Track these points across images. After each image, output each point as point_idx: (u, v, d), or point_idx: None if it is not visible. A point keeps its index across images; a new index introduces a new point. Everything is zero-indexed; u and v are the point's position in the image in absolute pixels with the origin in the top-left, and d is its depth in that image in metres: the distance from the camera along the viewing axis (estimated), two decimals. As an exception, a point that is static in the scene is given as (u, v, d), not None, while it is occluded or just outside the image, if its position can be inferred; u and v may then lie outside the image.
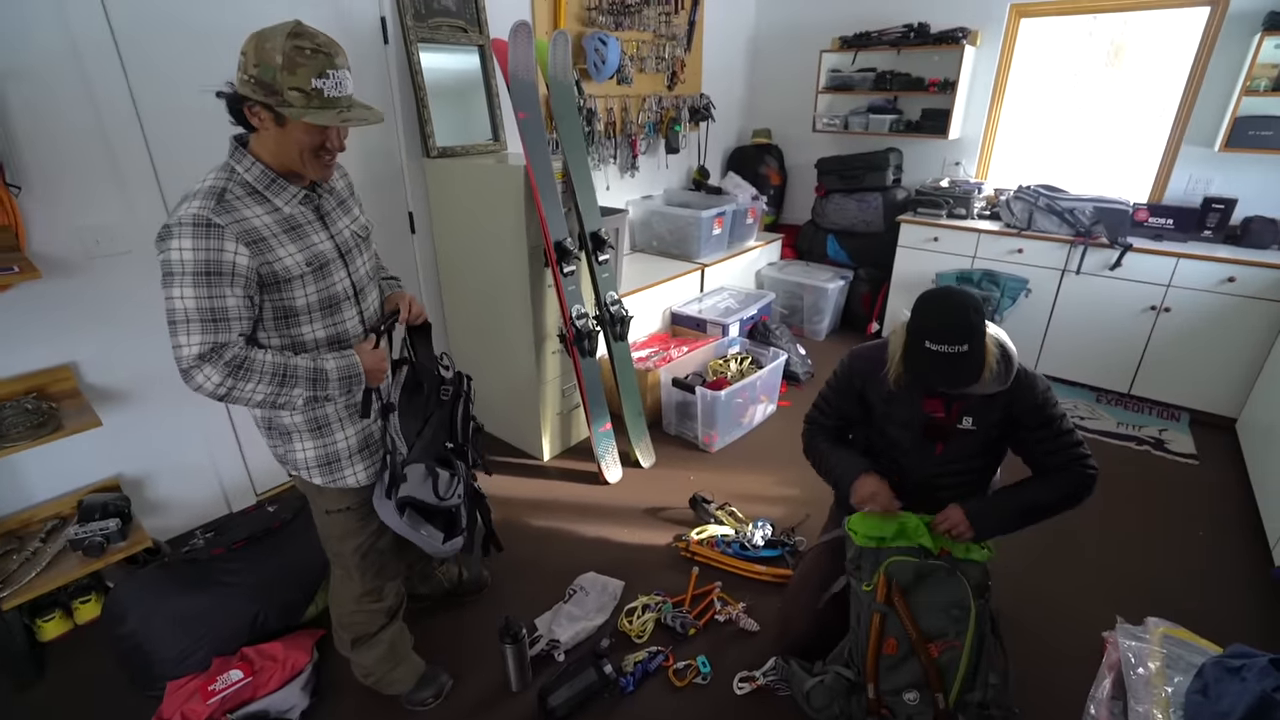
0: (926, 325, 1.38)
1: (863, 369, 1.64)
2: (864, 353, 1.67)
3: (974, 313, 1.37)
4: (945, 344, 1.35)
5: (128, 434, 2.15)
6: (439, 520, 1.42)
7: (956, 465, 1.60)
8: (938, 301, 1.40)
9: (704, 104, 4.05)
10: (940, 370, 1.37)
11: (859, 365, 1.65)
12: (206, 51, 2.08)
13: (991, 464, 1.65)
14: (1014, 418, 1.54)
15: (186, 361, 1.11)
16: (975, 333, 1.36)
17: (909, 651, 1.47)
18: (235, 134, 1.22)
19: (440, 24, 2.63)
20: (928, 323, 1.38)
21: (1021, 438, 1.57)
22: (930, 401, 1.56)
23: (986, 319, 1.41)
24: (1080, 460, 1.54)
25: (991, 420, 1.54)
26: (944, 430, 1.57)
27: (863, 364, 1.64)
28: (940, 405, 1.55)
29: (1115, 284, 3.17)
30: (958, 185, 3.76)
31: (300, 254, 1.21)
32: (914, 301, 1.44)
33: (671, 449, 2.95)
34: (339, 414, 1.36)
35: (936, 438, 1.58)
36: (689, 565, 2.21)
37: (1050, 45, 3.64)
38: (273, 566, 1.86)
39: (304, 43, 1.10)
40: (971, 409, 1.54)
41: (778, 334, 3.55)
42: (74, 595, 1.99)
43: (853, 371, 1.66)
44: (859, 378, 1.64)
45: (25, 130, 1.79)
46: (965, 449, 1.58)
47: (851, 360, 1.68)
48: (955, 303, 1.38)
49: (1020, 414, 1.54)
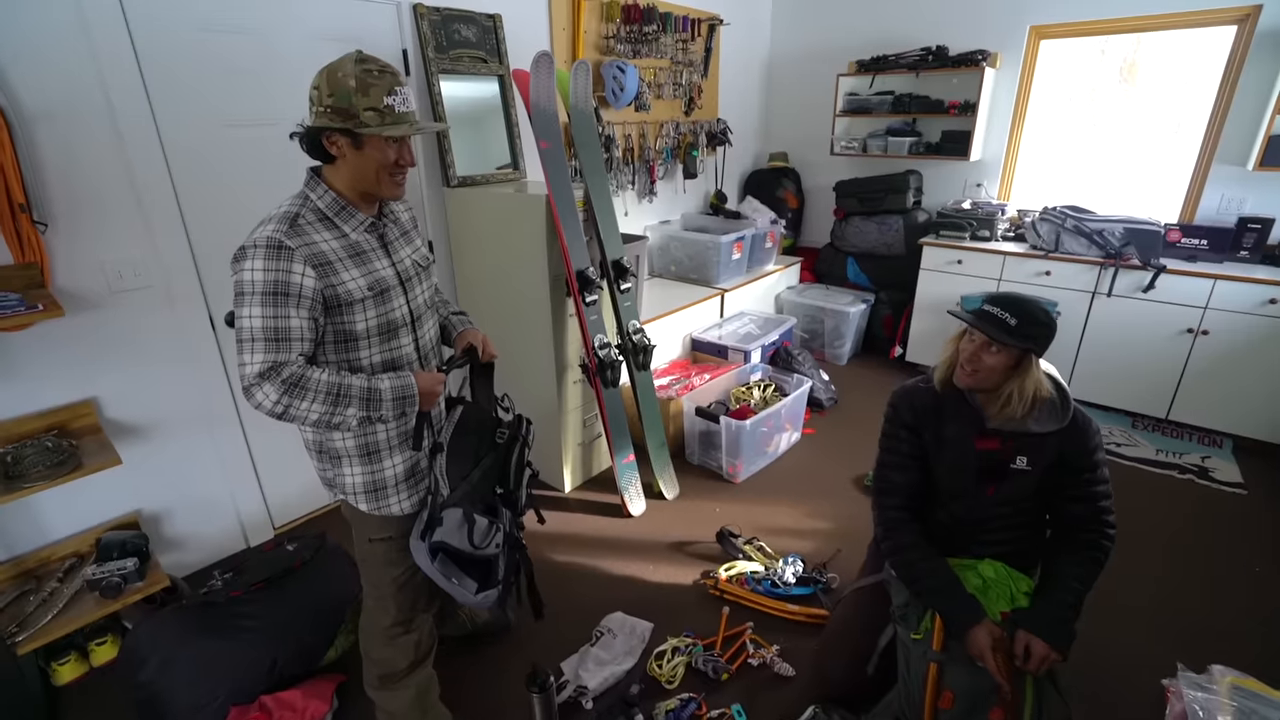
0: (988, 296, 1.47)
1: (911, 405, 1.57)
2: (907, 391, 1.60)
3: (1039, 307, 1.41)
4: (998, 306, 1.41)
5: (147, 469, 2.13)
6: (475, 570, 1.36)
7: (1008, 508, 1.52)
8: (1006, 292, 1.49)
9: (721, 129, 4.04)
10: (982, 319, 1.41)
11: (905, 405, 1.58)
12: (232, 88, 2.10)
13: (1042, 507, 1.57)
14: (1063, 459, 1.47)
15: (248, 379, 1.14)
16: (1032, 319, 1.39)
17: (970, 707, 1.38)
18: (311, 165, 1.28)
19: (461, 55, 2.64)
20: (990, 295, 1.48)
21: (1061, 481, 1.49)
22: (984, 441, 1.49)
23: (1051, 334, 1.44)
24: (1106, 522, 1.47)
25: (1046, 461, 1.47)
26: (998, 470, 1.49)
27: (909, 401, 1.57)
28: (995, 443, 1.48)
29: (1149, 306, 3.08)
30: (980, 207, 3.71)
31: (363, 279, 1.25)
32: None
33: (695, 479, 2.88)
34: (390, 440, 1.36)
35: (989, 479, 1.50)
36: (718, 604, 2.13)
37: (1067, 65, 3.60)
38: (292, 608, 1.80)
39: (371, 66, 1.19)
40: (1026, 448, 1.47)
41: (800, 359, 3.49)
42: (90, 636, 1.94)
43: (900, 413, 1.58)
44: (909, 414, 1.57)
45: (54, 168, 1.80)
46: (1019, 490, 1.50)
47: (898, 401, 1.60)
48: (1030, 297, 1.46)
49: (1070, 455, 1.46)
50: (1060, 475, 1.48)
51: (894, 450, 1.60)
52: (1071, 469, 1.47)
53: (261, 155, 2.20)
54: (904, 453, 1.58)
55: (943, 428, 1.53)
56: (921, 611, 1.52)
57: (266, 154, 2.20)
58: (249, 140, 2.17)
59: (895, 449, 1.60)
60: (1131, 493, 2.71)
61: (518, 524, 1.53)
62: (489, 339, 1.53)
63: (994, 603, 1.46)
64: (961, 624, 1.40)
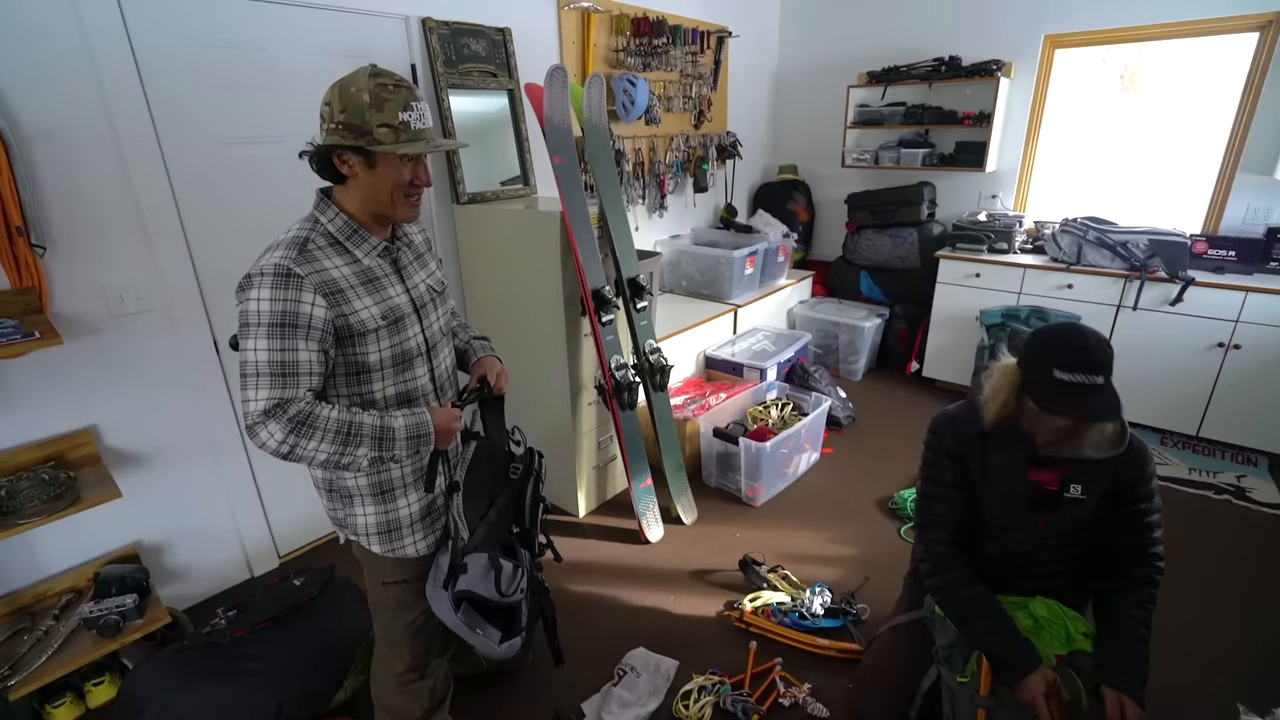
0: (1054, 353, 1.23)
1: (955, 432, 1.47)
2: (950, 417, 1.50)
3: (1108, 346, 1.24)
4: (1079, 373, 1.20)
5: (148, 498, 2.05)
6: (498, 617, 1.27)
7: (1060, 539, 1.43)
8: (1065, 331, 1.27)
9: (731, 142, 3.99)
10: (1075, 400, 1.21)
11: (948, 432, 1.48)
12: (235, 105, 2.04)
13: (1095, 538, 1.47)
14: (1119, 486, 1.38)
15: (252, 417, 1.06)
16: (1109, 368, 1.22)
17: None
18: (321, 187, 1.21)
19: (470, 70, 2.59)
20: (1056, 351, 1.23)
21: (1115, 511, 1.40)
22: (1037, 470, 1.39)
23: None
24: (1156, 554, 1.40)
25: (1101, 488, 1.37)
26: (1051, 500, 1.40)
27: (952, 428, 1.47)
28: (1049, 473, 1.38)
29: (1176, 320, 3.00)
30: (996, 219, 3.64)
31: (376, 307, 1.18)
32: (1027, 338, 1.31)
33: (713, 503, 2.79)
34: (405, 479, 1.28)
35: (1042, 509, 1.41)
36: (744, 637, 2.03)
37: (1082, 73, 3.55)
38: (298, 649, 1.71)
39: (386, 80, 1.11)
40: (1081, 475, 1.37)
41: (817, 376, 3.41)
42: (86, 676, 1.84)
43: (943, 440, 1.48)
44: (953, 442, 1.46)
45: (53, 189, 1.73)
46: (1072, 520, 1.40)
47: (940, 429, 1.50)
48: (1087, 332, 1.25)
49: (1126, 482, 1.37)
50: (1115, 504, 1.39)
51: (937, 480, 1.50)
52: (1127, 497, 1.38)
53: (267, 174, 2.13)
54: (948, 483, 1.48)
55: (989, 456, 1.43)
56: (968, 653, 1.43)
57: (272, 172, 2.14)
58: (254, 158, 2.10)
59: (939, 479, 1.50)
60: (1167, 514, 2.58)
61: (536, 564, 1.44)
62: (505, 370, 1.45)
63: (1048, 645, 1.37)
64: (1015, 670, 1.31)
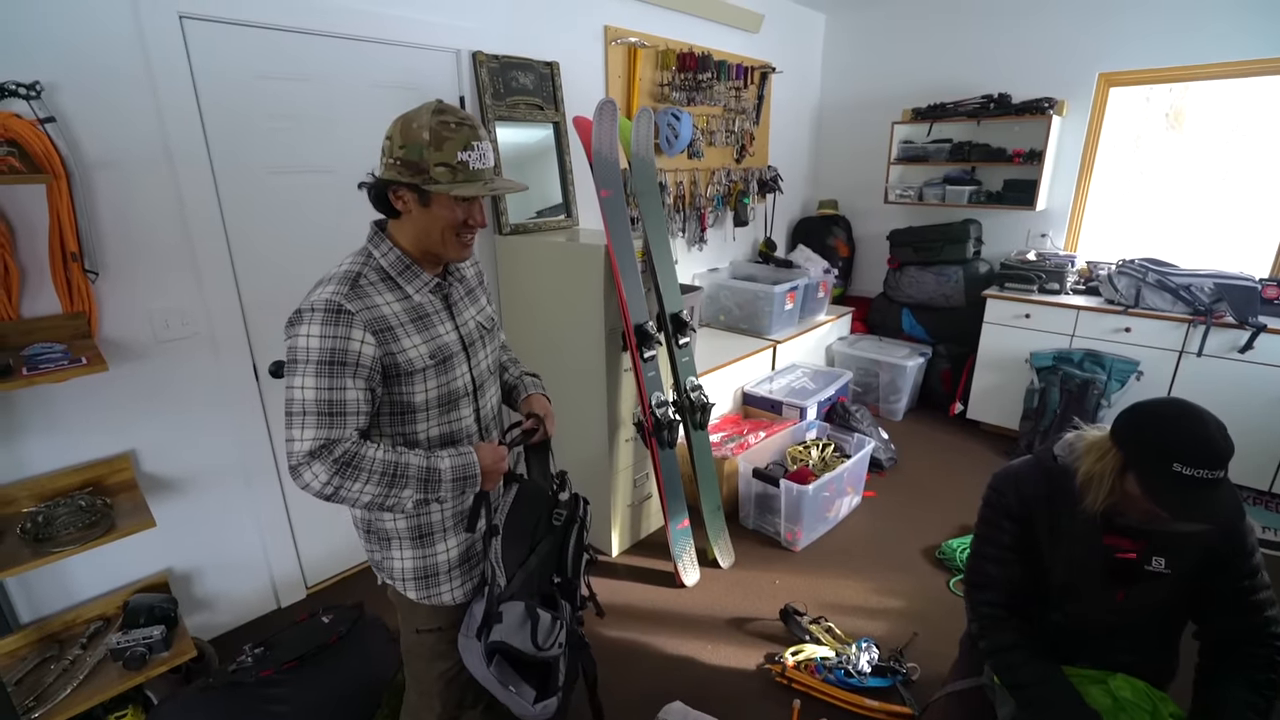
0: (1175, 444, 1.11)
1: (1019, 492, 1.34)
2: (1013, 474, 1.37)
3: (1226, 431, 1.11)
4: (1204, 468, 1.08)
5: (181, 525, 2.03)
6: (533, 675, 1.19)
7: (1140, 616, 1.30)
8: (1183, 418, 1.14)
9: (772, 176, 3.96)
10: (1197, 501, 1.09)
11: (1010, 490, 1.35)
12: (289, 136, 2.06)
13: (1180, 614, 1.33)
14: (1219, 560, 1.24)
15: (297, 458, 1.03)
16: (1230, 455, 1.10)
17: None
18: (375, 220, 1.19)
19: (518, 102, 2.60)
20: (1176, 439, 1.11)
21: (1213, 588, 1.25)
22: (1113, 536, 1.26)
23: None
24: (1274, 634, 1.22)
25: (1189, 562, 1.24)
26: (1130, 573, 1.26)
27: (1015, 486, 1.34)
28: (1128, 543, 1.25)
29: (1246, 368, 2.84)
30: (1047, 258, 3.52)
31: (424, 345, 1.15)
32: (1132, 417, 1.18)
33: (751, 545, 2.68)
34: (445, 523, 1.24)
35: (1119, 581, 1.28)
36: (787, 694, 1.92)
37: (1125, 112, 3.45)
38: (324, 690, 1.65)
39: (449, 118, 1.08)
40: (1164, 547, 1.24)
41: (858, 416, 3.30)
42: (110, 708, 1.80)
43: (1005, 499, 1.35)
44: (1016, 503, 1.33)
45: (108, 217, 1.75)
46: (1153, 595, 1.27)
47: (1002, 486, 1.37)
48: (1207, 419, 1.12)
49: (1222, 555, 1.22)
50: (1211, 580, 1.25)
51: (993, 541, 1.37)
52: (1226, 573, 1.23)
53: (316, 204, 2.14)
54: (1005, 545, 1.35)
55: (1059, 518, 1.29)
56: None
57: (321, 203, 2.15)
58: (304, 188, 2.12)
59: (995, 540, 1.37)
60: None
61: (578, 618, 1.35)
62: (552, 410, 1.40)
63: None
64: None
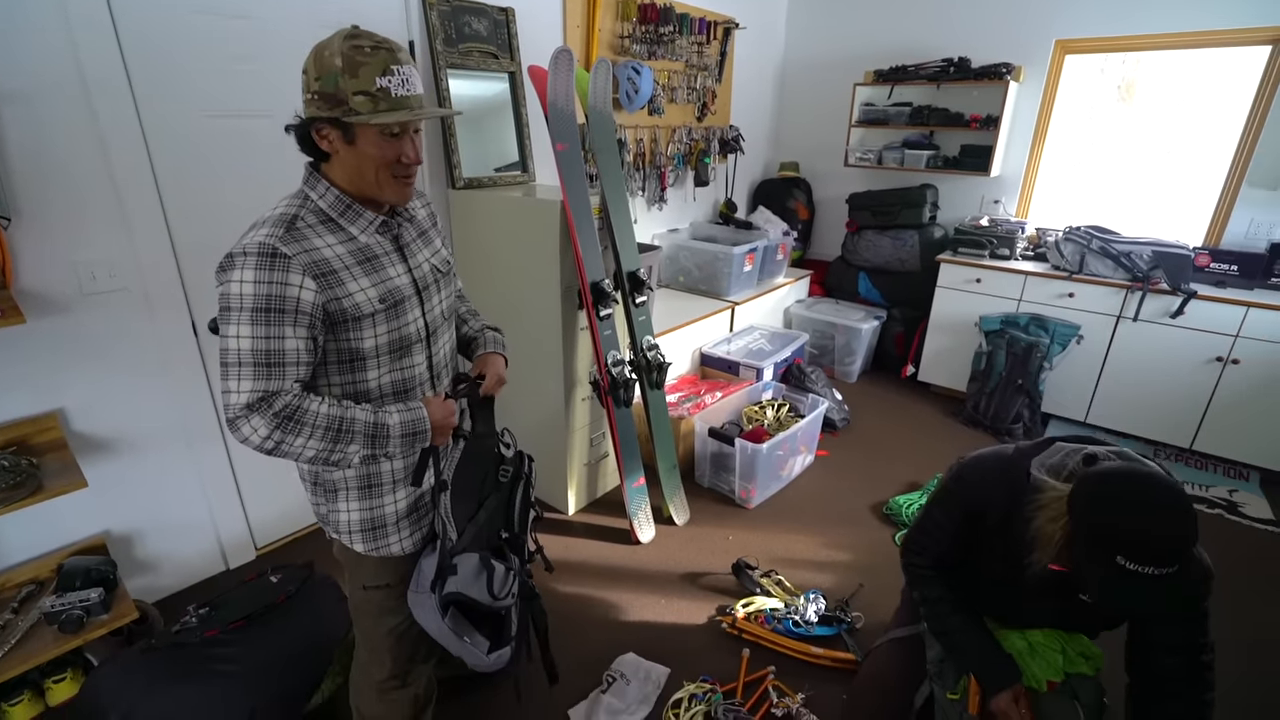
0: (1126, 535, 0.98)
1: (977, 497, 1.31)
2: (980, 477, 1.33)
3: (1191, 520, 0.98)
4: (1151, 565, 0.96)
5: (117, 487, 1.95)
6: (486, 626, 1.20)
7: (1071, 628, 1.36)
8: (1143, 502, 1.00)
9: (734, 136, 3.92)
10: (1135, 594, 1.00)
11: (972, 493, 1.33)
12: (223, 76, 1.93)
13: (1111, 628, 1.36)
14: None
15: (234, 410, 0.99)
16: (1189, 549, 0.98)
17: None
18: (310, 161, 1.11)
19: (471, 49, 2.49)
20: (1128, 532, 0.98)
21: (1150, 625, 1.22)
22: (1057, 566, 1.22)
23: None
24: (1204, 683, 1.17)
25: None
26: (1065, 592, 1.25)
27: (977, 492, 1.32)
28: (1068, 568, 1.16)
29: (1176, 332, 2.98)
30: (999, 224, 3.60)
31: (374, 289, 1.09)
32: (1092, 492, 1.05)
33: (706, 503, 2.73)
34: (394, 474, 1.21)
35: (1054, 597, 1.28)
36: (737, 644, 1.98)
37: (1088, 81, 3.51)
38: (273, 650, 1.63)
39: (363, 41, 1.00)
40: None
41: (813, 378, 3.36)
42: (47, 673, 1.75)
43: (965, 498, 1.35)
44: (973, 504, 1.33)
45: (20, 156, 1.62)
46: (1085, 615, 1.32)
47: (963, 482, 1.36)
48: (1167, 505, 0.99)
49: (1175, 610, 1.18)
50: (1149, 619, 1.22)
51: (939, 522, 1.39)
52: (1164, 616, 1.20)
53: (254, 149, 2.03)
54: (949, 529, 1.37)
55: (1011, 526, 1.22)
56: (959, 669, 1.38)
57: (259, 147, 2.03)
58: (240, 132, 2.00)
59: (942, 521, 1.38)
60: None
61: (526, 571, 1.37)
62: (505, 370, 1.37)
63: (1042, 670, 1.31)
64: (990, 684, 1.27)
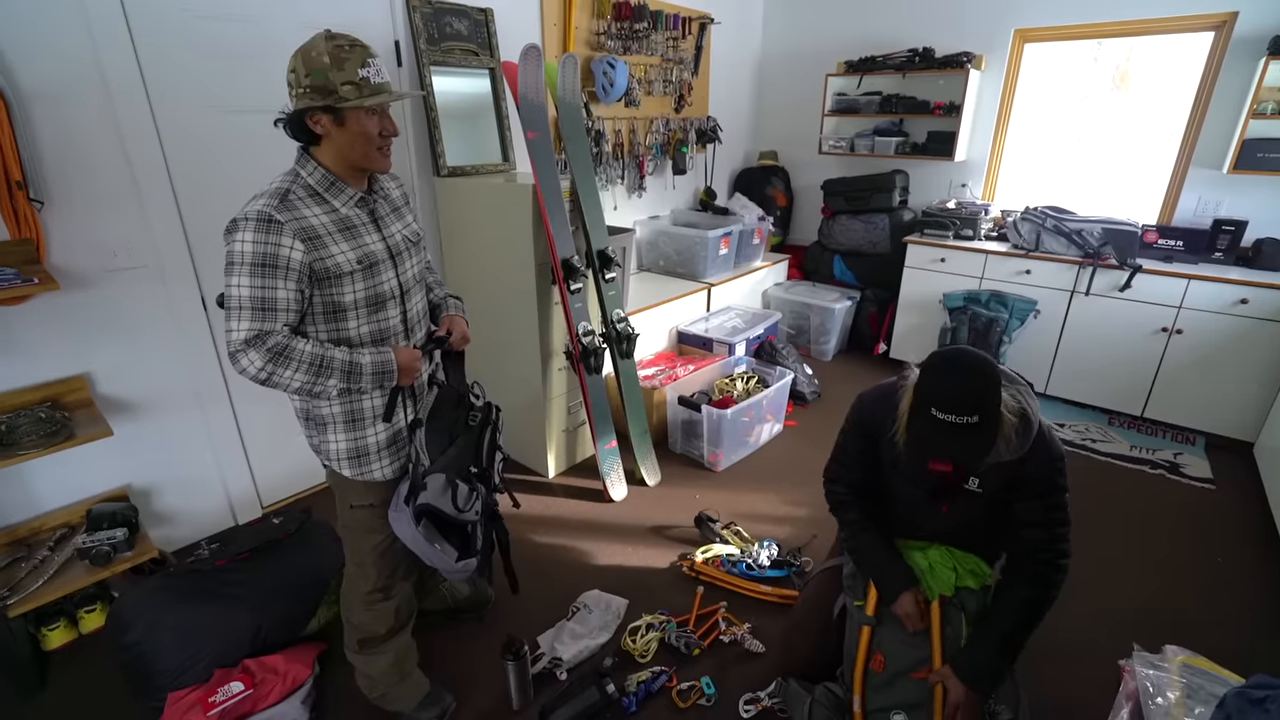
0: (934, 391, 1.27)
1: (870, 418, 1.54)
2: (872, 400, 1.56)
3: (988, 380, 1.25)
4: (953, 413, 1.23)
5: (138, 445, 2.18)
6: (455, 537, 1.42)
7: (963, 524, 1.54)
8: (949, 365, 1.29)
9: (711, 126, 4.11)
10: (945, 442, 1.26)
11: (866, 414, 1.56)
12: (225, 74, 2.16)
13: (1000, 522, 1.53)
14: (1020, 479, 1.41)
15: (234, 345, 1.19)
16: (987, 404, 1.24)
17: (899, 670, 1.44)
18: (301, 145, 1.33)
19: (452, 48, 2.70)
20: (936, 388, 1.27)
21: (1016, 505, 1.44)
22: (939, 463, 1.43)
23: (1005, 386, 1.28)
24: (1059, 551, 1.41)
25: (998, 484, 1.43)
26: (950, 490, 1.48)
27: (870, 413, 1.54)
28: (949, 465, 1.40)
29: (1125, 305, 3.15)
30: (964, 207, 3.77)
31: (352, 252, 1.30)
32: (925, 359, 1.33)
33: (677, 467, 2.94)
34: (375, 410, 1.42)
35: (942, 498, 1.51)
36: (693, 584, 2.19)
37: (1057, 70, 3.67)
38: (276, 578, 1.85)
39: (342, 41, 1.23)
40: (979, 470, 1.45)
41: (784, 353, 3.55)
42: (80, 604, 1.99)
43: (861, 420, 1.58)
44: (868, 425, 1.55)
45: (50, 148, 1.85)
46: (971, 510, 1.50)
47: (860, 407, 1.60)
48: (968, 367, 1.27)
49: (1025, 480, 1.41)
50: (1015, 499, 1.43)
51: (845, 449, 1.64)
52: (1026, 494, 1.42)
53: (254, 141, 2.25)
54: (853, 454, 1.61)
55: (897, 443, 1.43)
56: (866, 581, 1.57)
57: (259, 140, 2.24)
58: (242, 126, 2.22)
59: (846, 448, 1.63)
60: (1103, 488, 2.78)
61: (492, 498, 1.59)
62: (468, 331, 1.59)
63: (938, 585, 1.50)
64: (890, 590, 1.48)
